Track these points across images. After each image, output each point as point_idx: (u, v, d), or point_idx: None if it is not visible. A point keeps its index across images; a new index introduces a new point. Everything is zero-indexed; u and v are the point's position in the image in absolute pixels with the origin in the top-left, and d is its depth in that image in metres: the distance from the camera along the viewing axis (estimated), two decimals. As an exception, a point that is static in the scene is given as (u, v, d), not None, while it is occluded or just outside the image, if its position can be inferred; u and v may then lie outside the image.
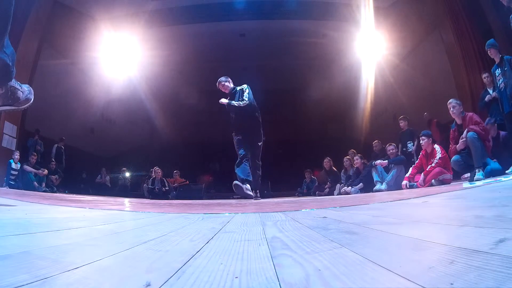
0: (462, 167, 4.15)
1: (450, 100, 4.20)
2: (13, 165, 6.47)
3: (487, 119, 4.40)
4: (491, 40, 4.29)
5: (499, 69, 4.14)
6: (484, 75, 4.90)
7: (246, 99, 4.46)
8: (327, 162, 7.17)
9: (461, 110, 4.13)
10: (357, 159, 6.14)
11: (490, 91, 4.72)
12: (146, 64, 8.89)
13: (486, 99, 4.75)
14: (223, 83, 4.74)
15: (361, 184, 5.75)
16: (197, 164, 12.05)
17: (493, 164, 3.69)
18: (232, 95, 4.63)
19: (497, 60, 4.18)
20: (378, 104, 9.19)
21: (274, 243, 0.79)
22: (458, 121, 4.14)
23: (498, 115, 4.38)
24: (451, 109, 4.15)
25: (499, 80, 4.17)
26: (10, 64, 1.36)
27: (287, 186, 8.62)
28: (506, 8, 3.67)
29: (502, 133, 4.31)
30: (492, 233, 0.70)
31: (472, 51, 6.02)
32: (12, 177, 6.41)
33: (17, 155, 6.56)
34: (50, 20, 7.35)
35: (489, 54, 4.26)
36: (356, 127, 9.81)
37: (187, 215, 1.72)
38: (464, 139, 3.89)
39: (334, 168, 7.14)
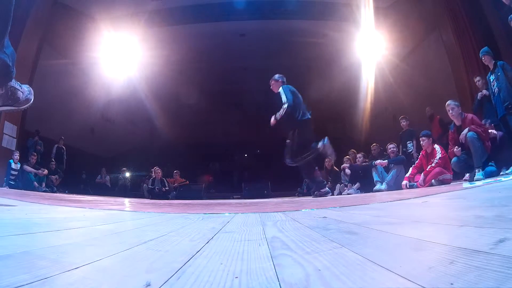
0: (462, 168, 4.15)
1: (448, 102, 4.17)
2: (13, 165, 6.46)
3: (484, 121, 4.41)
4: (485, 48, 4.38)
5: (493, 75, 4.18)
6: (476, 79, 4.95)
7: (285, 101, 4.33)
8: (328, 161, 7.16)
9: (460, 111, 4.12)
10: (359, 157, 6.18)
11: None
12: (146, 64, 8.89)
13: (478, 96, 4.80)
14: (273, 81, 4.62)
15: (357, 183, 5.78)
16: (197, 164, 12.05)
17: (488, 168, 3.70)
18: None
19: (491, 67, 4.24)
20: (378, 104, 9.19)
21: (274, 243, 0.79)
22: (457, 123, 4.12)
23: (492, 116, 4.41)
24: (450, 111, 4.13)
25: (493, 86, 4.20)
26: (10, 64, 1.36)
27: (287, 186, 8.61)
28: (507, 7, 3.67)
29: (498, 133, 4.32)
30: (492, 233, 0.70)
31: (472, 51, 6.02)
32: (12, 177, 6.41)
33: (17, 155, 6.56)
34: (50, 20, 7.35)
35: (483, 61, 4.32)
36: (356, 127, 9.80)
37: (187, 215, 1.72)
38: (465, 134, 3.86)
39: (335, 168, 7.14)
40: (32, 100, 1.65)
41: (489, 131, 4.09)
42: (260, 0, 8.58)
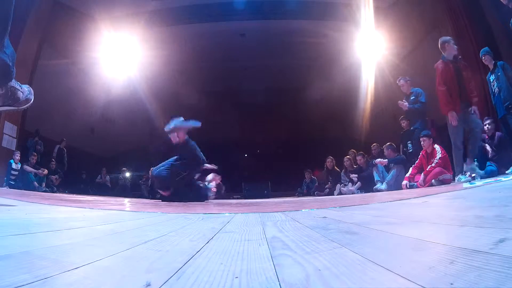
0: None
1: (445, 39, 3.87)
2: (14, 165, 6.47)
3: (488, 120, 4.38)
4: (485, 48, 4.40)
5: (493, 75, 4.19)
6: (400, 82, 5.08)
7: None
8: (329, 161, 7.17)
9: (456, 48, 3.87)
10: (360, 159, 6.18)
11: (406, 102, 5.09)
12: (146, 64, 8.88)
13: (399, 105, 4.92)
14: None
15: (359, 183, 5.78)
16: (197, 164, 12.01)
17: (488, 168, 3.68)
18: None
19: (490, 67, 4.24)
20: (378, 104, 9.18)
21: (274, 243, 0.79)
22: (450, 57, 3.81)
23: (422, 124, 4.84)
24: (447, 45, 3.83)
25: (493, 86, 4.21)
26: (10, 64, 1.36)
27: (287, 186, 8.62)
28: (506, 7, 3.67)
29: (498, 133, 4.30)
30: (492, 233, 0.70)
31: (472, 51, 6.01)
32: (12, 177, 6.42)
33: (17, 155, 6.57)
34: (50, 20, 7.34)
35: (483, 61, 4.33)
36: (356, 127, 9.79)
37: (187, 215, 1.72)
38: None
39: (336, 168, 7.16)
40: (32, 100, 1.66)
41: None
42: (260, 0, 8.58)
